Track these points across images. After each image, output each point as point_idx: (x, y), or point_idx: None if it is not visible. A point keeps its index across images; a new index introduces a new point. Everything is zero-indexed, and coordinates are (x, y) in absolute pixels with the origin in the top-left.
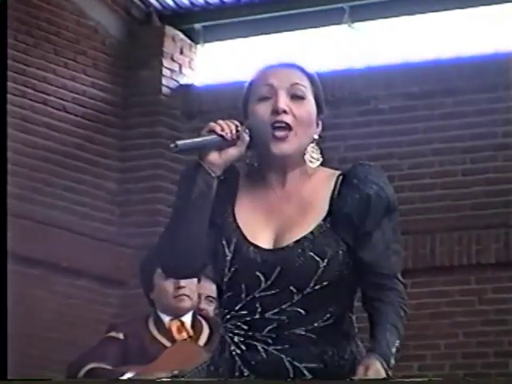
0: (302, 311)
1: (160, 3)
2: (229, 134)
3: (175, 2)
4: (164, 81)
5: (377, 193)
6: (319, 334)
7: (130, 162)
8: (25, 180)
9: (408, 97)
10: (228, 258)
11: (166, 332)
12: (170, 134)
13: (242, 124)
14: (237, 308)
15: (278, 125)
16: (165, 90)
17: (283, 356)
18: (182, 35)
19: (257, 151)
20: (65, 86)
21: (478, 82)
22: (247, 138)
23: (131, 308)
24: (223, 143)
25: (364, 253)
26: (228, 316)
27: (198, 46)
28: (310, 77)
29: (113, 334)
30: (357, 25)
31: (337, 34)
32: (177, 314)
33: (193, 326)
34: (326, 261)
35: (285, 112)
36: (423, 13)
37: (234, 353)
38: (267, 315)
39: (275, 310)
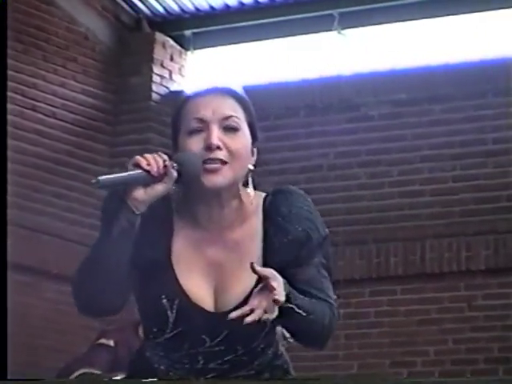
0: (245, 358)
1: (150, 10)
2: (155, 169)
3: (165, 9)
4: (154, 87)
5: (305, 233)
6: (258, 368)
7: (120, 168)
8: (14, 187)
9: (396, 103)
10: (171, 319)
11: None
12: (160, 141)
13: (170, 158)
14: (176, 356)
15: (211, 162)
16: (155, 96)
17: None
18: (172, 42)
19: (186, 187)
20: (55, 93)
21: (466, 88)
22: (175, 174)
23: (121, 315)
24: (149, 179)
25: (297, 278)
26: (162, 355)
27: (188, 52)
28: (243, 104)
29: (103, 340)
30: (346, 32)
31: (326, 40)
32: None
33: None
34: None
35: (218, 148)
36: (412, 20)
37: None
38: (210, 365)
39: (218, 361)
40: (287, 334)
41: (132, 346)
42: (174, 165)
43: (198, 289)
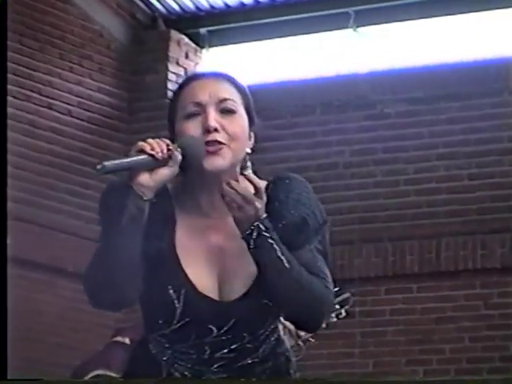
0: (251, 346)
1: (165, 7)
2: (159, 154)
3: (180, 7)
4: (169, 85)
5: (300, 218)
6: (262, 355)
7: None
8: (30, 184)
9: (413, 101)
10: (178, 310)
11: None
12: None
13: (173, 142)
14: (182, 347)
15: (210, 144)
16: (170, 94)
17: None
18: (187, 39)
19: (189, 170)
20: (70, 91)
21: (483, 86)
22: (179, 157)
23: (136, 313)
24: (154, 163)
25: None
26: (167, 346)
27: (204, 50)
28: (239, 88)
29: (119, 338)
30: (362, 29)
31: (342, 38)
32: None
33: None
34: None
35: (216, 130)
36: (428, 18)
37: (171, 370)
38: (216, 355)
39: (225, 350)
40: (301, 333)
41: None
42: (178, 148)
43: (203, 278)
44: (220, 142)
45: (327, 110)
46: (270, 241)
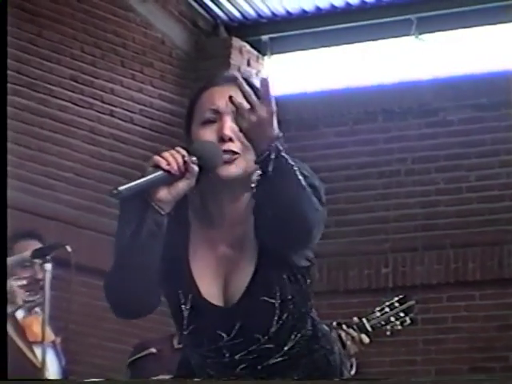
0: (271, 346)
1: (227, 15)
2: (175, 168)
3: (242, 14)
4: None
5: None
6: (291, 353)
7: None
8: (92, 191)
9: (476, 108)
10: (185, 314)
11: None
12: None
13: (188, 152)
14: (202, 351)
15: (224, 153)
16: None
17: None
18: (248, 47)
19: (202, 178)
20: (132, 98)
21: None
22: (196, 169)
23: None
24: (170, 178)
25: None
26: (192, 349)
27: (265, 57)
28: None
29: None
30: (424, 36)
31: (404, 45)
32: None
33: None
34: (278, 298)
35: (231, 140)
36: (491, 24)
37: (201, 373)
38: (237, 357)
39: (243, 353)
40: (365, 340)
41: None
42: (194, 159)
43: (209, 286)
44: (234, 152)
45: (389, 117)
46: (291, 162)
